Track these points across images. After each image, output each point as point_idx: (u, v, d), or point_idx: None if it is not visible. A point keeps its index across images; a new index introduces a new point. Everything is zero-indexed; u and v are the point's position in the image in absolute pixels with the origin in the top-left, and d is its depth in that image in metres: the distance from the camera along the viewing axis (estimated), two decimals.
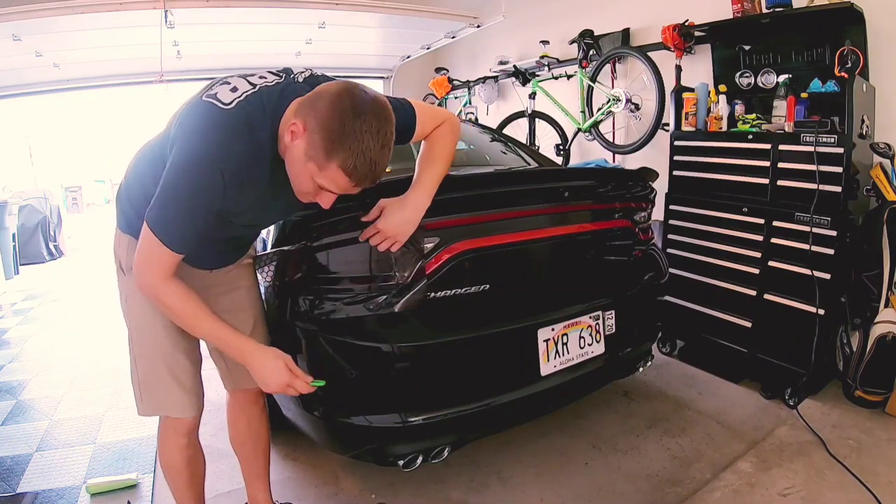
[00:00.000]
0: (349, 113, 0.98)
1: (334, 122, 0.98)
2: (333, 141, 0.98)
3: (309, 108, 1.02)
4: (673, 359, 2.74)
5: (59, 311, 4.26)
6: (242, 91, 1.07)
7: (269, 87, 1.10)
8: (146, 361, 1.30)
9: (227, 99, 1.05)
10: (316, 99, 1.02)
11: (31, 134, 11.72)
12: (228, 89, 1.08)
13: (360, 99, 1.00)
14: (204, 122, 1.04)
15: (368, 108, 1.00)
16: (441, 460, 1.57)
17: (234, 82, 1.10)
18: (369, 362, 1.48)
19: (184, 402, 1.31)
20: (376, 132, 0.99)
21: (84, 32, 3.37)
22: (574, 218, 1.82)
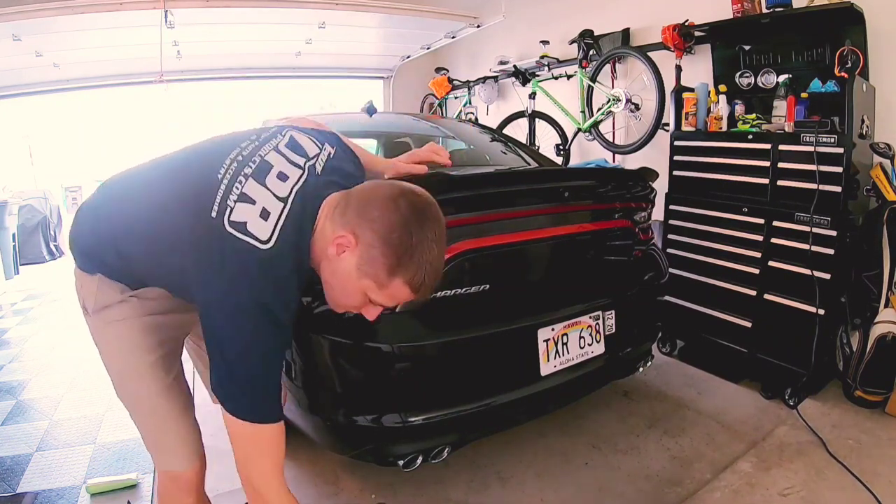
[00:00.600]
0: (413, 223, 0.87)
1: (397, 236, 0.87)
2: (399, 257, 0.87)
3: (358, 217, 0.89)
4: (673, 359, 2.74)
5: (59, 311, 4.25)
6: (275, 217, 0.90)
7: (296, 202, 0.94)
8: (139, 415, 1.15)
9: (262, 234, 0.88)
10: (366, 207, 0.90)
11: (31, 134, 11.70)
12: (256, 213, 0.89)
13: (417, 204, 0.90)
14: (245, 272, 0.87)
15: (428, 213, 0.91)
16: (441, 460, 1.57)
17: (256, 196, 0.91)
18: (369, 362, 1.48)
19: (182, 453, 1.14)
20: (439, 238, 0.91)
21: (84, 32, 3.37)
22: (574, 218, 1.82)
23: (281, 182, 0.95)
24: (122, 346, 1.11)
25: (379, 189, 0.93)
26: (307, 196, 0.95)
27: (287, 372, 1.58)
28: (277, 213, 0.91)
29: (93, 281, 1.09)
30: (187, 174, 1.02)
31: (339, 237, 0.90)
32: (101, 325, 1.11)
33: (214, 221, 0.88)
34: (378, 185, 0.95)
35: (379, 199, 0.90)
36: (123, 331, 1.10)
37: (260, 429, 0.90)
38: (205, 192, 0.92)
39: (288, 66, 5.13)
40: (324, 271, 0.96)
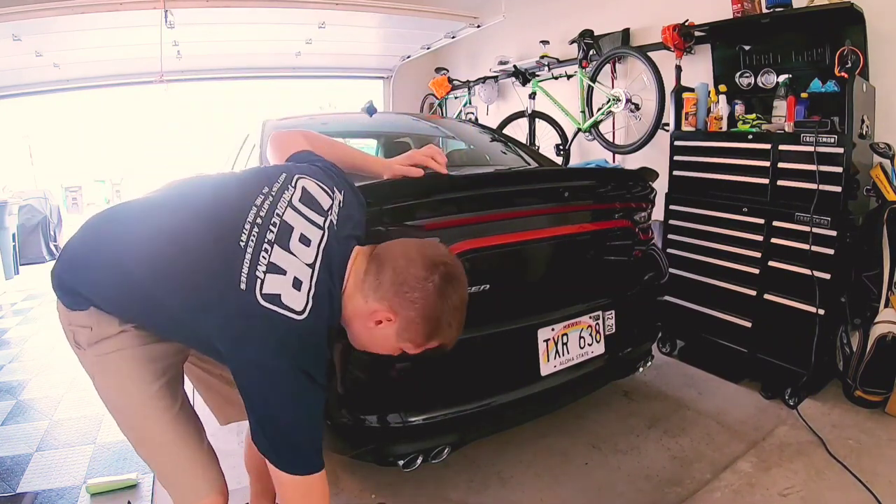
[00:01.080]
0: (447, 295, 0.96)
1: (437, 311, 0.96)
2: (437, 326, 0.98)
3: (397, 296, 0.95)
4: (673, 359, 2.74)
5: None
6: (307, 284, 0.92)
7: (324, 263, 0.96)
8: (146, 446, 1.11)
9: (297, 305, 0.90)
10: (402, 286, 0.95)
11: (31, 134, 11.70)
12: (289, 283, 0.91)
13: (449, 275, 0.97)
14: (285, 343, 0.89)
15: (458, 280, 0.99)
16: (441, 460, 1.57)
17: (284, 264, 0.92)
18: (369, 362, 1.48)
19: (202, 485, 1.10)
20: (464, 296, 1.00)
21: (84, 32, 3.37)
22: (574, 218, 1.82)
23: (305, 247, 0.96)
24: (121, 379, 1.06)
25: (412, 266, 0.96)
26: (332, 257, 0.98)
27: None
28: (308, 281, 0.93)
29: (85, 315, 1.04)
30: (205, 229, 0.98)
31: (378, 312, 0.97)
32: (96, 358, 1.06)
33: (246, 294, 0.89)
34: (410, 262, 0.96)
35: (414, 278, 0.95)
36: (121, 362, 1.05)
37: (308, 480, 0.92)
38: (230, 261, 0.91)
39: (288, 66, 5.13)
40: (357, 331, 1.02)
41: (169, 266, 0.97)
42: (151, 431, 1.07)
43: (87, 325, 1.04)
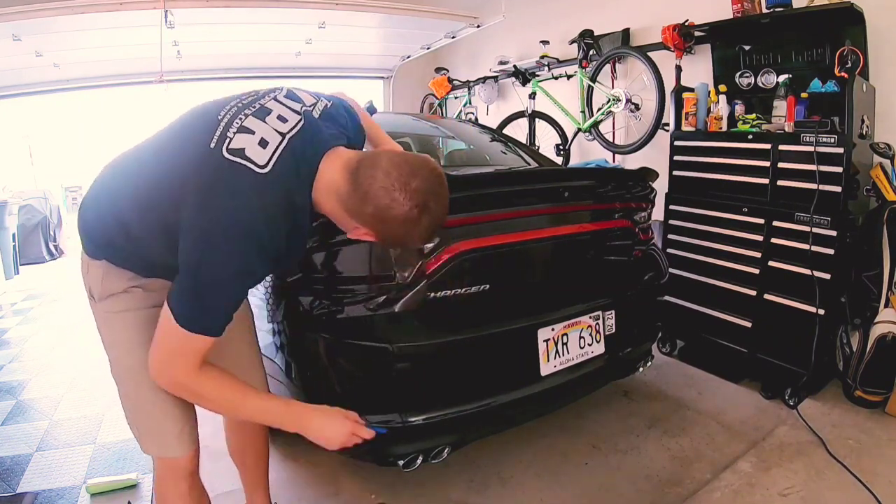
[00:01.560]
0: (427, 217, 0.95)
1: (414, 231, 0.96)
2: (407, 241, 1.02)
3: (377, 222, 0.95)
4: (673, 359, 2.74)
5: (59, 311, 4.25)
6: (273, 147, 0.94)
7: (296, 137, 0.97)
8: (133, 398, 1.16)
9: (260, 159, 0.92)
10: (385, 215, 0.93)
11: (31, 134, 11.70)
12: (256, 142, 0.93)
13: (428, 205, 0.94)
14: (241, 191, 0.90)
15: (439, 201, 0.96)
16: (441, 460, 1.57)
17: (257, 129, 0.95)
18: (369, 362, 1.48)
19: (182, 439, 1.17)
20: (442, 212, 0.99)
21: (84, 32, 3.37)
22: (574, 218, 1.82)
23: (281, 122, 0.99)
24: (126, 336, 1.13)
25: (396, 205, 0.92)
26: (306, 138, 0.99)
27: (287, 372, 1.58)
28: (276, 144, 0.95)
29: (99, 267, 1.12)
30: (187, 126, 1.04)
31: (359, 230, 0.99)
32: (105, 314, 1.13)
33: (213, 151, 0.92)
34: (394, 201, 0.92)
35: (399, 216, 0.93)
36: (128, 322, 1.12)
37: (204, 340, 0.93)
38: (204, 131, 0.96)
39: (288, 66, 5.12)
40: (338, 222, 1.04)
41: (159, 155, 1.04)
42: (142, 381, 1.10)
43: (100, 278, 1.12)
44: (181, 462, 1.19)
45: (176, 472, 1.20)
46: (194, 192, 0.92)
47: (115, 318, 1.13)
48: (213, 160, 0.92)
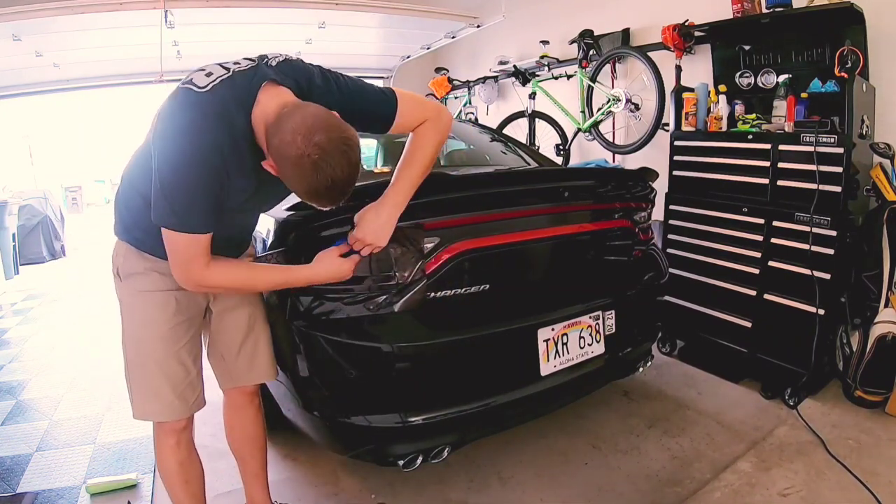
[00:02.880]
0: (314, 170, 1.01)
1: (302, 186, 1.05)
2: (298, 190, 1.08)
3: (276, 154, 1.05)
4: (673, 359, 2.74)
5: (59, 311, 4.26)
6: (217, 76, 1.09)
7: (242, 72, 1.12)
8: (139, 367, 1.31)
9: (201, 83, 1.07)
10: (281, 145, 1.03)
11: (31, 134, 11.71)
12: (203, 74, 1.10)
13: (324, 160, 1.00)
14: (181, 107, 1.07)
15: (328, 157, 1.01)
16: (441, 460, 1.57)
17: (210, 68, 1.12)
18: (369, 362, 1.48)
19: (174, 406, 1.31)
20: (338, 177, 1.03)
21: (84, 32, 3.37)
22: (574, 218, 1.82)
23: (234, 65, 1.14)
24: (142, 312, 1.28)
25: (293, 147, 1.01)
26: (252, 77, 1.11)
27: (287, 372, 1.58)
28: (219, 75, 1.10)
29: (123, 247, 1.29)
30: None
31: (269, 162, 1.09)
32: (128, 291, 1.29)
33: (174, 89, 1.10)
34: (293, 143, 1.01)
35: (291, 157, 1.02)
36: (146, 300, 1.28)
37: (187, 237, 1.09)
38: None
39: None
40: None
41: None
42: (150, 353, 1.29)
43: (123, 256, 1.29)
44: (173, 423, 1.34)
45: (167, 430, 1.35)
46: (157, 122, 1.10)
47: (135, 296, 1.29)
48: (171, 93, 1.11)
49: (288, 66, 1.19)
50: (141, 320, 1.29)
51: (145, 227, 1.19)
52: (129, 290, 1.29)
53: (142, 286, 1.28)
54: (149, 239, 1.21)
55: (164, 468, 1.39)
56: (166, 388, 1.30)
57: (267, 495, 1.61)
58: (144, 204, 1.17)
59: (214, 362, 1.48)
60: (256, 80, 1.10)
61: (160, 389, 1.29)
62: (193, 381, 1.35)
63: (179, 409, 1.32)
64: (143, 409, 1.33)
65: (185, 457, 1.39)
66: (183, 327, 1.32)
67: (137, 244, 1.27)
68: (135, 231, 1.26)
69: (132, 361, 1.31)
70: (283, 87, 1.13)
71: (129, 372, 1.32)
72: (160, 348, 1.29)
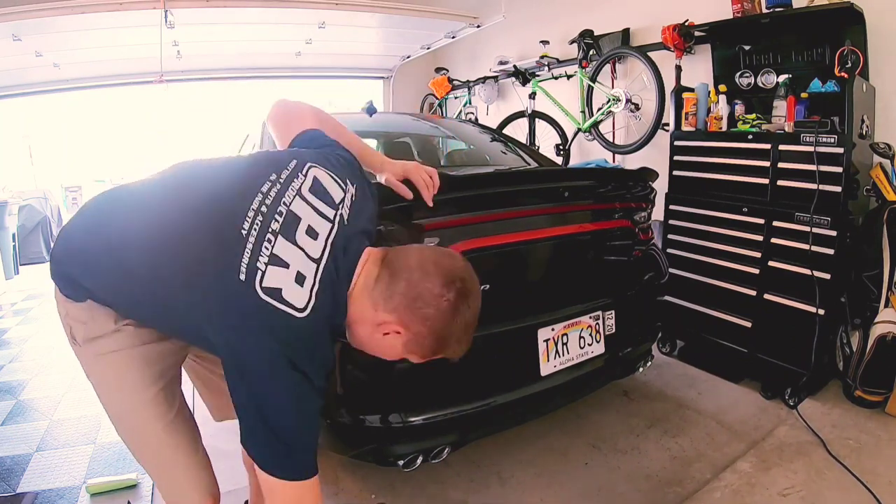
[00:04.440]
0: (464, 315, 0.91)
1: (448, 329, 0.91)
2: (447, 344, 0.94)
3: (409, 310, 0.89)
4: (673, 359, 2.74)
5: None
6: (310, 280, 0.87)
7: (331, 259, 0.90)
8: (139, 447, 1.10)
9: (299, 302, 0.84)
10: (416, 300, 0.89)
11: (31, 134, 11.70)
12: (291, 278, 0.85)
13: (465, 291, 0.91)
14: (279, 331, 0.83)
15: (474, 299, 0.93)
16: (441, 460, 1.57)
17: (287, 256, 0.86)
18: (369, 362, 1.47)
19: (195, 493, 1.11)
20: (476, 317, 0.95)
21: (84, 32, 3.37)
22: (574, 218, 1.82)
23: (312, 240, 0.90)
24: (118, 381, 1.03)
25: (428, 280, 0.89)
26: (340, 254, 0.92)
27: None
28: (312, 277, 0.87)
29: (81, 309, 1.00)
30: (206, 215, 0.92)
31: (388, 324, 0.91)
32: (92, 357, 1.02)
33: (245, 286, 0.83)
34: (426, 275, 0.89)
35: (430, 294, 0.89)
36: (119, 363, 1.02)
37: (300, 486, 0.88)
38: (229, 248, 0.85)
39: (288, 66, 5.12)
40: (361, 335, 0.97)
41: (166, 251, 0.91)
42: (146, 437, 1.06)
43: (83, 321, 1.01)
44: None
45: None
46: (225, 322, 0.85)
47: (103, 360, 1.02)
48: (248, 299, 0.83)
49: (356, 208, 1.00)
50: (118, 389, 1.04)
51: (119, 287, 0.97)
52: (96, 354, 1.02)
53: (111, 346, 1.01)
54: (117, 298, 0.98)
55: None
56: (180, 472, 1.10)
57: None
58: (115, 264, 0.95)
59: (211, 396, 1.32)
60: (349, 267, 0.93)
61: (175, 471, 1.10)
62: (203, 454, 1.15)
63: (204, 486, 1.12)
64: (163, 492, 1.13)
65: None
66: (171, 386, 1.10)
67: (107, 300, 0.99)
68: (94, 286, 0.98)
69: (129, 442, 1.09)
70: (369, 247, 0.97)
71: (134, 454, 1.11)
72: (154, 418, 1.05)
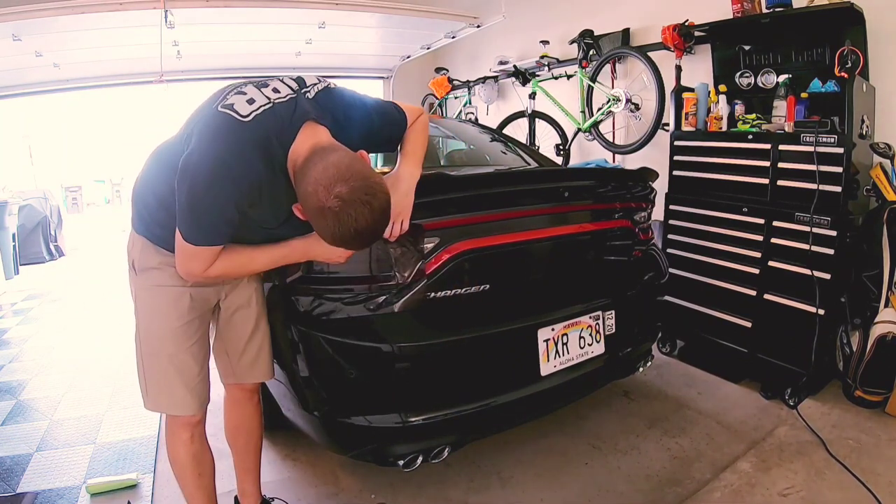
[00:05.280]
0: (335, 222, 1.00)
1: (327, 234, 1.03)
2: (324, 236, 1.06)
3: (302, 199, 1.05)
4: (673, 359, 2.74)
5: (59, 311, 4.26)
6: (259, 105, 1.10)
7: (282, 104, 1.12)
8: (152, 360, 1.33)
9: (244, 111, 1.08)
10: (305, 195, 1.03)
11: (31, 134, 11.71)
12: (245, 100, 1.10)
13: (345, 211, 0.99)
14: (221, 132, 1.08)
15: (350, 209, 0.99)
16: (441, 460, 1.57)
17: (250, 93, 1.12)
18: (369, 362, 1.48)
19: (187, 401, 1.34)
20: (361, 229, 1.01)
21: (84, 32, 3.36)
22: (574, 218, 1.82)
23: (274, 92, 1.14)
24: (157, 307, 1.31)
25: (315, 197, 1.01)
26: (291, 114, 1.11)
27: (287, 372, 1.58)
28: (260, 103, 1.11)
29: (139, 241, 1.32)
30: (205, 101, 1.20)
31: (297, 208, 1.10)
32: (143, 285, 1.32)
33: (212, 108, 1.12)
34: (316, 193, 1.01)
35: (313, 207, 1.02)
36: (160, 295, 1.31)
37: (200, 249, 1.12)
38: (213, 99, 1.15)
39: (288, 66, 5.11)
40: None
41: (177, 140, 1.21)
42: (163, 347, 1.32)
43: (139, 250, 1.31)
44: (188, 417, 1.36)
45: (182, 424, 1.37)
46: (193, 139, 1.11)
47: (150, 290, 1.31)
48: (209, 114, 1.11)
49: (326, 96, 1.19)
50: (154, 314, 1.32)
51: (162, 224, 1.23)
52: (144, 284, 1.32)
53: (157, 281, 1.30)
54: (165, 235, 1.23)
55: (177, 462, 1.41)
56: (178, 382, 1.33)
57: (258, 489, 1.63)
58: (158, 204, 1.22)
59: (219, 357, 1.50)
60: (297, 118, 1.11)
61: (173, 383, 1.33)
62: (204, 377, 1.38)
63: (192, 404, 1.35)
64: (157, 402, 1.36)
65: (199, 450, 1.42)
66: (195, 324, 1.34)
67: (154, 239, 1.29)
68: (152, 227, 1.28)
69: (145, 354, 1.34)
70: (321, 126, 1.13)
71: (142, 364, 1.35)
72: (172, 343, 1.31)
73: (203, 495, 1.45)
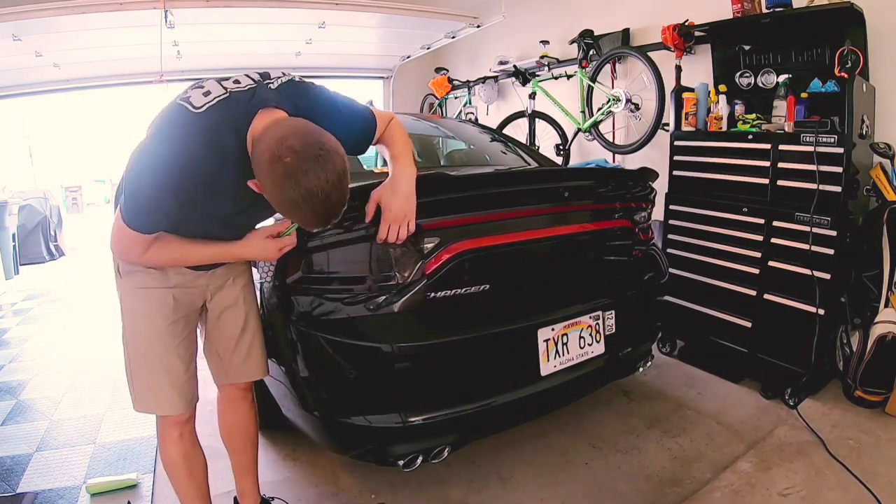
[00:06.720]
0: (285, 175, 0.98)
1: (278, 196, 1.01)
2: (273, 193, 1.03)
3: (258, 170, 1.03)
4: (673, 359, 2.74)
5: (59, 311, 4.26)
6: (214, 96, 1.10)
7: (239, 93, 1.11)
8: (139, 361, 1.34)
9: (197, 103, 1.08)
10: (259, 156, 1.02)
11: (31, 134, 11.71)
12: (201, 93, 1.10)
13: (296, 165, 0.97)
14: (172, 124, 1.08)
15: (301, 164, 0.97)
16: (441, 460, 1.57)
17: (208, 86, 1.12)
18: (369, 362, 1.48)
19: (174, 401, 1.35)
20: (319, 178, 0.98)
21: (84, 32, 3.37)
22: (574, 218, 1.82)
23: (234, 84, 1.14)
24: (142, 309, 1.32)
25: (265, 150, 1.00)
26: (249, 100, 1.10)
27: (286, 371, 1.58)
28: (216, 94, 1.10)
29: None
30: None
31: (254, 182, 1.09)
32: (128, 287, 1.33)
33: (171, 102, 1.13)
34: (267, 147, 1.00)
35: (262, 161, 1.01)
36: (145, 297, 1.31)
37: (133, 232, 1.12)
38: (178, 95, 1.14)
39: (288, 66, 5.11)
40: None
41: None
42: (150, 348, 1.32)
43: None
44: (174, 418, 1.38)
45: (170, 424, 1.39)
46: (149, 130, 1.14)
47: (134, 292, 1.32)
48: (167, 107, 1.13)
49: (290, 87, 1.18)
50: (140, 316, 1.32)
51: None
52: (129, 286, 1.33)
53: (141, 283, 1.31)
54: None
55: (168, 461, 1.42)
56: (166, 382, 1.33)
57: (257, 489, 1.62)
58: None
59: (210, 359, 1.50)
60: (253, 105, 1.10)
61: (160, 384, 1.33)
62: (191, 377, 1.39)
63: (179, 404, 1.36)
64: (145, 403, 1.36)
65: (189, 449, 1.42)
66: (180, 324, 1.35)
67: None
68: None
69: (132, 356, 1.35)
70: (279, 109, 1.12)
71: (130, 366, 1.35)
72: (159, 344, 1.32)
73: (196, 494, 1.45)
